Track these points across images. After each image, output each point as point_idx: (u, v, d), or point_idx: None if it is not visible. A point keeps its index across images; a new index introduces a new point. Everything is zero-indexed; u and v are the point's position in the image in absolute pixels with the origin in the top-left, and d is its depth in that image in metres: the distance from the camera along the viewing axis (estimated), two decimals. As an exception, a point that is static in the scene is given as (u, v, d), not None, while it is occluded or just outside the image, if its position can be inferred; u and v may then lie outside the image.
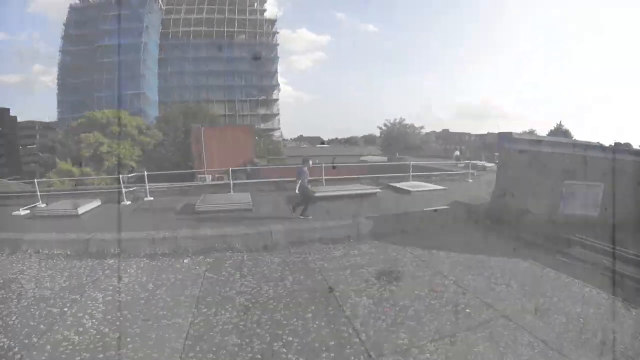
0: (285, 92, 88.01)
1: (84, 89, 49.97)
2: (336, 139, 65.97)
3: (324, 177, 14.74)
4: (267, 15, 61.20)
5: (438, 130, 60.92)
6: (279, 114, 60.61)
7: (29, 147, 50.39)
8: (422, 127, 49.93)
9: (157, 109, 51.20)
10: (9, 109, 50.99)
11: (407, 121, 48.68)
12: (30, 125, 52.65)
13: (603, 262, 6.93)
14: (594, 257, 7.20)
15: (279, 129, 60.06)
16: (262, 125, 57.18)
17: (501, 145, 10.98)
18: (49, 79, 51.39)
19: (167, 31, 57.19)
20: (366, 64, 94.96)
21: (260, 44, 59.76)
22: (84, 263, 7.38)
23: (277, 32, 60.98)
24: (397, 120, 48.67)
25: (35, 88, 70.69)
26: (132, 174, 24.40)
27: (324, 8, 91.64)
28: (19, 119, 51.86)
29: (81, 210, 11.13)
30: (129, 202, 13.00)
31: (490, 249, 7.82)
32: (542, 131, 44.35)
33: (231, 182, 14.60)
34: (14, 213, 11.43)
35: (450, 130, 61.95)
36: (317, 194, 11.71)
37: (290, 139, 66.77)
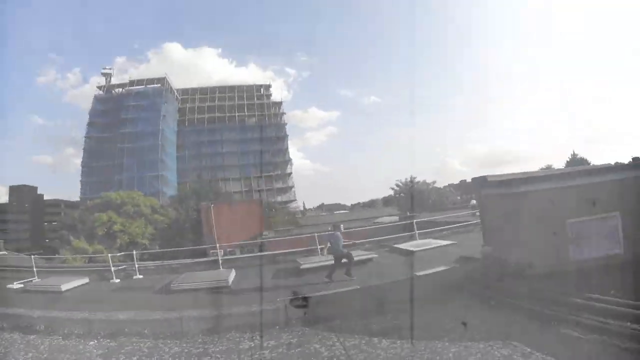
0: (304, 165, 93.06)
1: (106, 171, 53.23)
2: (358, 203, 67.04)
3: (318, 247, 13.88)
4: (273, 98, 65.89)
5: (456, 182, 61.33)
6: (293, 186, 62.52)
7: (52, 223, 52.23)
8: (433, 182, 50.92)
9: (176, 190, 53.07)
10: (36, 188, 55.61)
11: (423, 178, 49.69)
12: (56, 203, 55.46)
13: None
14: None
15: (295, 200, 61.70)
16: (279, 198, 59.19)
17: (478, 193, 9.79)
18: (79, 161, 54.19)
19: (183, 118, 61.51)
20: (376, 130, 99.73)
21: (270, 124, 63.50)
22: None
23: (284, 113, 65.16)
24: (408, 180, 49.53)
25: (66, 169, 77.79)
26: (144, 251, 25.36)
27: (330, 87, 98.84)
28: (48, 197, 56.12)
29: (65, 287, 11.68)
30: (117, 280, 13.21)
31: (472, 327, 6.28)
32: (560, 164, 43.47)
33: (220, 258, 14.70)
34: (8, 286, 12.18)
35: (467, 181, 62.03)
36: (301, 266, 11.72)
37: (312, 208, 67.26)
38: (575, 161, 43.68)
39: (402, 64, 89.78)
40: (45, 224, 52.99)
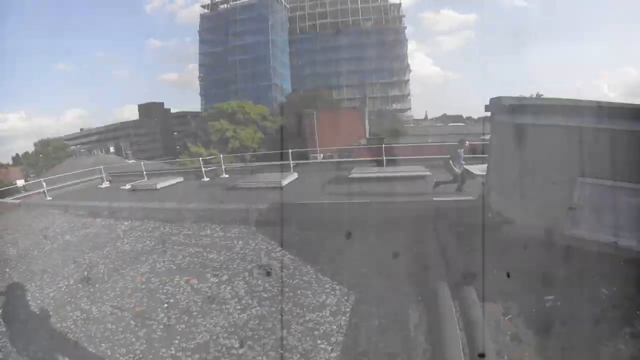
0: (434, 72, 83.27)
1: (222, 83, 56.03)
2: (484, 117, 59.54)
3: (384, 158, 14.49)
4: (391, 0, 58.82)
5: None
6: (409, 94, 58.31)
7: (177, 133, 58.24)
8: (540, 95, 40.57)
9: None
10: (162, 103, 61.97)
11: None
12: (181, 115, 60.65)
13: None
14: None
15: (409, 109, 58.01)
16: (394, 106, 56.58)
17: (491, 118, 6.99)
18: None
19: (294, 26, 59.58)
20: (517, 40, 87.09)
21: (387, 29, 57.97)
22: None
23: (404, 16, 58.73)
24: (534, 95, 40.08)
25: (189, 84, 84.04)
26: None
27: None
28: (175, 111, 62.20)
29: (159, 185, 14.20)
30: (207, 179, 15.55)
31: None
32: None
33: (291, 162, 15.30)
34: (121, 187, 15.40)
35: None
36: (350, 175, 12.58)
37: (432, 117, 62.45)
38: None
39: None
40: (175, 133, 58.75)
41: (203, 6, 60.62)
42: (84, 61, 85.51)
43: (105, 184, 16.82)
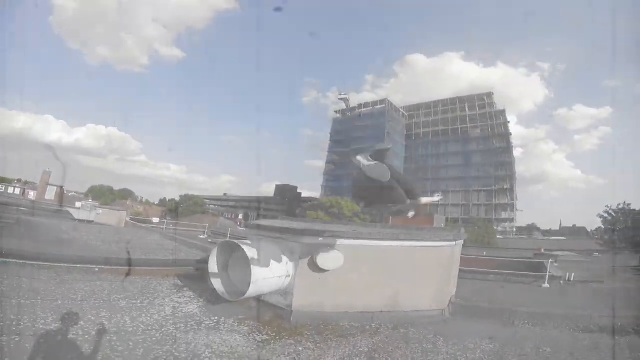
0: (574, 176, 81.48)
1: (341, 179, 65.03)
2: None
3: None
4: (497, 107, 62.56)
5: None
6: (513, 202, 58.37)
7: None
8: None
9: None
10: (296, 187, 72.75)
11: None
12: (305, 200, 69.41)
13: None
14: None
15: (512, 219, 57.62)
16: (503, 215, 57.66)
17: None
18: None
19: (410, 133, 66.96)
20: None
21: (492, 135, 60.81)
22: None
23: (509, 122, 61.23)
24: (621, 207, 35.43)
25: None
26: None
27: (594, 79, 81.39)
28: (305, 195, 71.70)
29: None
30: None
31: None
32: None
33: None
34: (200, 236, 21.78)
35: None
36: None
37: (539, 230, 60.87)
38: None
39: None
40: (297, 211, 68.47)
41: (336, 111, 72.37)
42: (246, 133, 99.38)
43: (202, 236, 22.42)
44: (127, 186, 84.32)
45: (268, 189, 75.50)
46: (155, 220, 32.46)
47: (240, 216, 62.96)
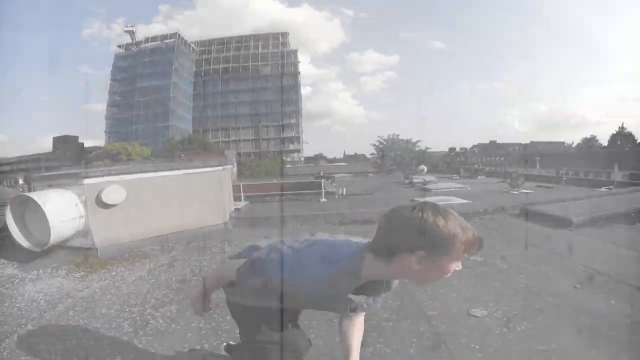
0: (358, 112, 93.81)
1: (125, 122, 60.11)
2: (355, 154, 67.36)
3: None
4: (290, 47, 66.23)
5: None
6: (299, 135, 65.03)
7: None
8: (419, 141, 47.74)
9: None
10: (77, 137, 62.75)
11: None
12: (89, 150, 60.50)
13: None
14: None
15: (298, 150, 64.53)
16: (291, 147, 63.46)
17: None
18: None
19: (200, 69, 64.85)
20: (438, 80, 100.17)
21: (283, 73, 64.51)
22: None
23: (299, 62, 66.00)
24: (391, 137, 48.01)
25: None
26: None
27: (390, 31, 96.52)
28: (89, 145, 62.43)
29: None
30: None
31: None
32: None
33: None
34: None
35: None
36: None
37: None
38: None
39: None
40: (82, 163, 60.35)
41: (119, 46, 63.57)
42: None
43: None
44: None
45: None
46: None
47: (21, 180, 51.51)
